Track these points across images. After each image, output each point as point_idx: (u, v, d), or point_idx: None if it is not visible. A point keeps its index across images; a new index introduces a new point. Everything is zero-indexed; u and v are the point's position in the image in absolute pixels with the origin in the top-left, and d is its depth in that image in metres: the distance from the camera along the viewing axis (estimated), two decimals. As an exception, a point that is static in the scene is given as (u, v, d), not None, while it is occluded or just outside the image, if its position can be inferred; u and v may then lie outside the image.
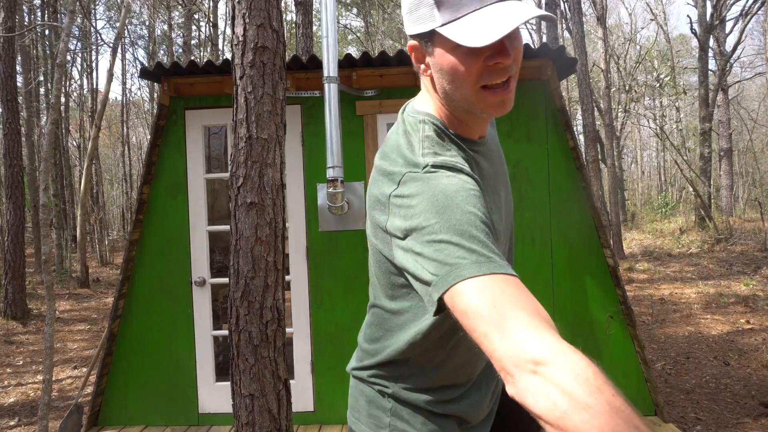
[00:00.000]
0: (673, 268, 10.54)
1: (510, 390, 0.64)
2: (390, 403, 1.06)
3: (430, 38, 0.87)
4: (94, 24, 15.93)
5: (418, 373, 1.03)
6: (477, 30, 0.79)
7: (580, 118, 12.01)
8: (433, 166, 0.87)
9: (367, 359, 1.10)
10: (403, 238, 0.82)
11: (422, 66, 0.93)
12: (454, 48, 0.84)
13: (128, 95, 20.41)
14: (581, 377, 0.58)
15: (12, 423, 4.27)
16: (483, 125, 0.97)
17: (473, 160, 0.94)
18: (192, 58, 15.66)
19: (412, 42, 0.92)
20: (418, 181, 0.85)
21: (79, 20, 14.53)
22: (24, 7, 12.72)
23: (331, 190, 3.21)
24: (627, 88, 17.82)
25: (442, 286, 0.73)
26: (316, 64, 3.52)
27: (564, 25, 14.59)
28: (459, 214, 0.78)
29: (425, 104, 0.98)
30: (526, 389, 0.61)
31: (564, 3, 13.59)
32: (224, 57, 11.01)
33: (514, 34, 0.85)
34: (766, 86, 24.00)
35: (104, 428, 3.65)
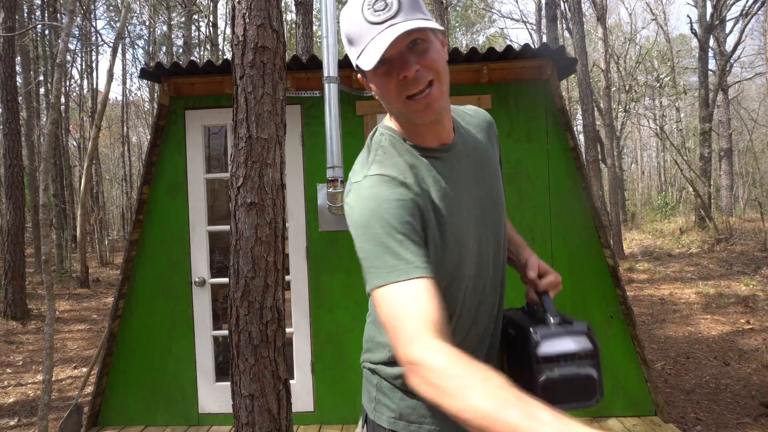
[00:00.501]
0: (673, 268, 10.53)
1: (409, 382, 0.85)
2: (376, 379, 1.18)
3: (362, 70, 0.98)
4: (94, 24, 15.92)
5: (393, 356, 1.13)
6: (371, 55, 0.91)
7: (580, 118, 12.01)
8: (370, 177, 0.98)
9: (365, 343, 1.24)
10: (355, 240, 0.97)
11: (372, 93, 1.03)
12: (373, 74, 0.96)
13: (128, 95, 20.42)
14: (435, 370, 0.78)
15: (12, 423, 4.27)
16: (437, 132, 1.04)
17: (428, 167, 1.02)
18: (192, 58, 15.65)
19: (359, 76, 1.03)
20: (354, 192, 0.98)
21: (79, 20, 14.53)
22: (24, 7, 12.71)
23: (331, 190, 3.21)
24: (627, 88, 17.82)
25: (367, 289, 0.93)
26: (316, 64, 3.52)
27: (564, 25, 14.59)
28: (378, 227, 0.91)
29: (390, 120, 1.09)
30: (411, 382, 0.83)
31: (564, 3, 13.60)
32: (224, 57, 11.01)
33: (421, 46, 0.94)
34: (766, 86, 24.00)
35: (104, 428, 3.65)
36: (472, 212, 1.06)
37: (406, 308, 0.86)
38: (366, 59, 0.92)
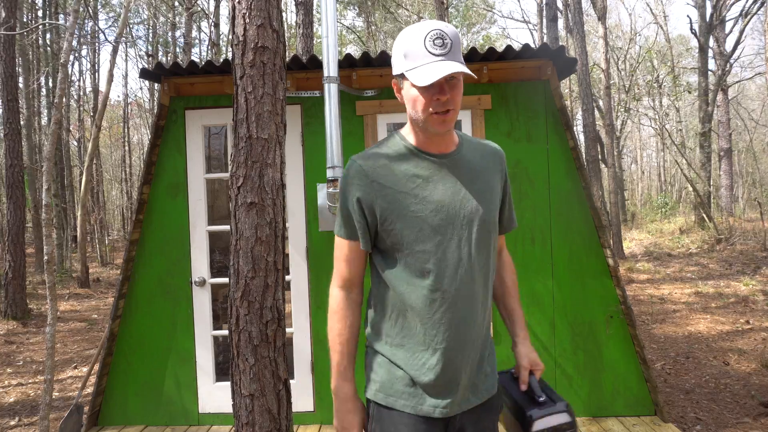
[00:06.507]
0: (673, 268, 10.53)
1: None
2: (369, 356, 1.46)
3: (402, 77, 1.31)
4: (97, 24, 15.92)
5: (375, 316, 1.44)
6: (424, 76, 1.23)
7: (580, 118, 12.01)
8: (351, 159, 1.38)
9: (365, 326, 1.53)
10: None
11: (399, 96, 1.35)
12: (416, 87, 1.27)
13: (129, 95, 20.41)
14: (330, 306, 1.44)
15: (12, 423, 4.27)
16: (438, 144, 1.36)
17: (418, 163, 1.35)
18: (192, 58, 15.64)
19: (394, 80, 1.36)
20: (344, 170, 1.41)
21: (80, 20, 14.52)
22: (24, 8, 12.70)
23: (331, 190, 3.21)
24: (627, 87, 17.81)
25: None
26: (316, 64, 3.52)
27: (564, 25, 14.58)
28: (341, 201, 1.38)
29: (405, 126, 1.43)
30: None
31: (564, 4, 13.59)
32: (224, 57, 11.00)
33: (453, 82, 1.28)
34: (766, 86, 23.98)
35: (104, 428, 3.66)
36: (446, 205, 1.33)
37: (339, 259, 1.41)
38: (421, 78, 1.23)
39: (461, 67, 1.22)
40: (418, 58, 1.25)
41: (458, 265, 1.32)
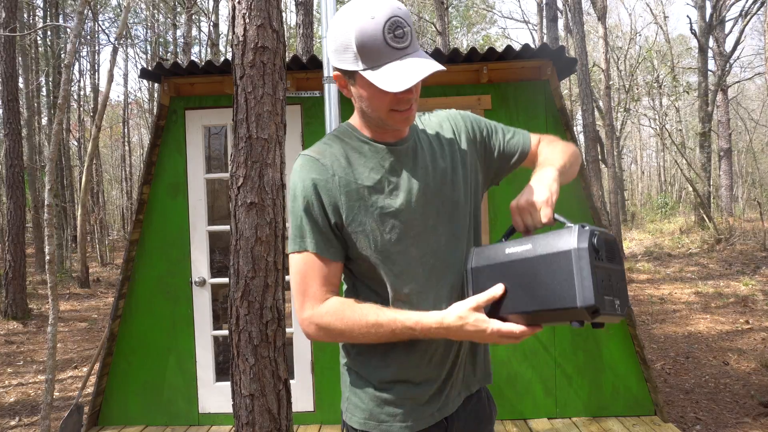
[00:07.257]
0: (673, 268, 10.53)
1: (304, 334, 1.17)
2: (349, 377, 1.26)
3: (352, 75, 1.12)
4: (97, 24, 15.93)
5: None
6: (392, 78, 1.05)
7: (580, 118, 12.02)
8: (301, 155, 1.19)
9: (342, 343, 1.30)
10: None
11: (345, 90, 1.18)
12: (371, 85, 1.08)
13: (129, 95, 20.41)
14: (332, 312, 1.12)
15: (12, 423, 4.27)
16: (396, 132, 1.21)
17: (376, 154, 1.19)
18: (192, 58, 15.64)
19: (336, 72, 1.16)
20: (294, 167, 1.20)
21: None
22: (24, 8, 12.71)
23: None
24: (627, 88, 17.82)
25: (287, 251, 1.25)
26: (316, 64, 3.52)
27: (564, 25, 14.59)
28: (296, 205, 1.16)
29: (352, 117, 1.28)
30: (310, 333, 1.15)
31: (564, 4, 13.60)
32: (224, 57, 11.00)
33: None
34: (765, 86, 24.01)
35: (104, 428, 3.66)
36: (416, 194, 1.19)
37: (310, 274, 1.14)
38: (391, 83, 1.04)
39: (435, 65, 1.05)
40: (379, 56, 1.05)
41: (440, 256, 1.20)
